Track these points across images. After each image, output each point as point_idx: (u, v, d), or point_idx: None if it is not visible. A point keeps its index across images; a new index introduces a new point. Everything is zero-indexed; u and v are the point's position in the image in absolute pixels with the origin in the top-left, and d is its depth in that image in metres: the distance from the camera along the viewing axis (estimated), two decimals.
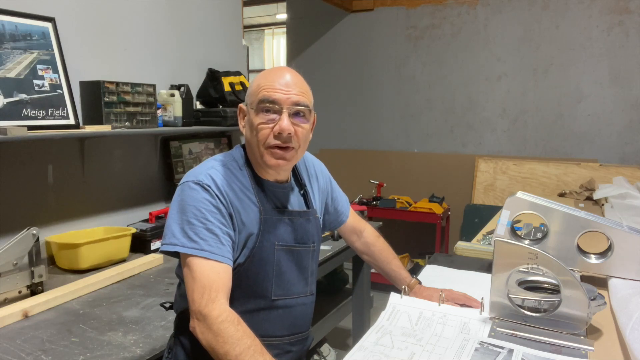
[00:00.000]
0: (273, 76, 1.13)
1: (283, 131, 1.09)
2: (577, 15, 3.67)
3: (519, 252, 1.12)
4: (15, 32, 1.82)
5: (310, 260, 1.23)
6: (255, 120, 1.12)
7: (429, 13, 4.17)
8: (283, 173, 1.20)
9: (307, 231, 1.21)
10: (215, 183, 1.10)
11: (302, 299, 1.21)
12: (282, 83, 1.11)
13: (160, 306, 1.41)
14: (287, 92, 1.10)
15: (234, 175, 1.15)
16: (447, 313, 1.23)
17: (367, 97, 4.46)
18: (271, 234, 1.14)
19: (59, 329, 1.43)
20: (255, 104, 1.12)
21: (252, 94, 1.14)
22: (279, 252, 1.15)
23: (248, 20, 8.53)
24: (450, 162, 4.18)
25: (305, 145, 1.18)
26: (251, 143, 1.15)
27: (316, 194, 1.31)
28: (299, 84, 1.14)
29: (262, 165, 1.15)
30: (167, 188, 2.61)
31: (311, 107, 1.16)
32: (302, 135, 1.14)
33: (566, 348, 1.05)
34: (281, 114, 1.10)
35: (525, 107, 3.92)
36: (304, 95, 1.13)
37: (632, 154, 3.61)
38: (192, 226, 1.07)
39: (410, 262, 4.15)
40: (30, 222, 1.79)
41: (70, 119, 1.97)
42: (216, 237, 1.07)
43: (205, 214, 1.07)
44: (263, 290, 1.13)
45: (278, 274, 1.15)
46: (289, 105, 1.10)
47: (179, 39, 2.64)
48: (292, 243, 1.18)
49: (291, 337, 1.20)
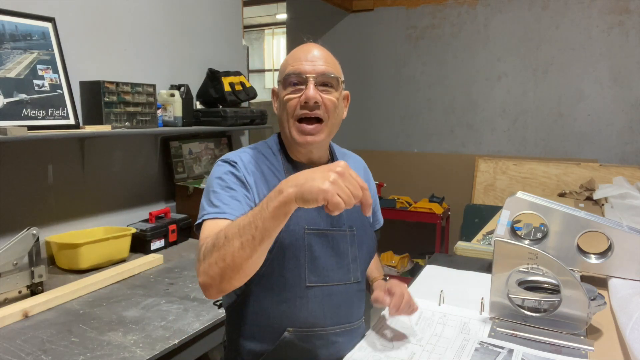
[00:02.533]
0: (299, 52, 1.13)
1: (309, 99, 1.08)
2: (577, 15, 3.67)
3: (519, 252, 1.12)
4: (15, 32, 1.82)
5: (350, 245, 1.17)
6: (282, 95, 1.12)
7: (429, 13, 4.17)
8: (316, 152, 1.17)
9: (341, 215, 1.14)
10: (242, 162, 1.12)
11: (344, 287, 1.15)
12: (308, 57, 1.11)
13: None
14: (313, 63, 1.10)
15: (265, 158, 1.16)
16: (447, 313, 1.23)
17: (367, 97, 4.46)
18: (300, 218, 1.09)
19: (59, 329, 1.43)
20: (282, 79, 1.13)
21: (281, 71, 1.15)
22: (310, 236, 1.10)
23: (248, 20, 8.53)
24: (450, 162, 4.18)
25: (337, 120, 1.15)
26: (282, 119, 1.14)
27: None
28: (325, 56, 1.13)
29: (292, 143, 1.14)
30: (167, 188, 2.61)
31: (340, 78, 1.14)
32: (331, 105, 1.11)
33: (566, 348, 1.05)
34: (307, 84, 1.09)
35: (525, 107, 3.92)
36: (331, 66, 1.12)
37: (632, 154, 3.61)
38: (216, 194, 1.07)
39: (410, 262, 4.15)
40: (30, 222, 1.79)
41: (70, 119, 1.97)
42: (239, 202, 1.05)
43: (229, 184, 1.08)
44: (296, 277, 1.09)
45: (311, 260, 1.10)
46: (315, 74, 1.09)
47: (179, 39, 2.64)
48: (324, 227, 1.13)
49: (335, 327, 1.14)
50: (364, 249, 1.21)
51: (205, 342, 1.52)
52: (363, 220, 1.22)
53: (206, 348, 1.54)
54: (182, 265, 2.04)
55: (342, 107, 1.18)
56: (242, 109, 2.82)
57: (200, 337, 1.49)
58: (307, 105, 1.09)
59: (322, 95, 1.10)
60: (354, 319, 1.19)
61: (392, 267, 4.00)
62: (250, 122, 2.83)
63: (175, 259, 2.13)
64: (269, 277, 1.09)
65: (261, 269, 1.07)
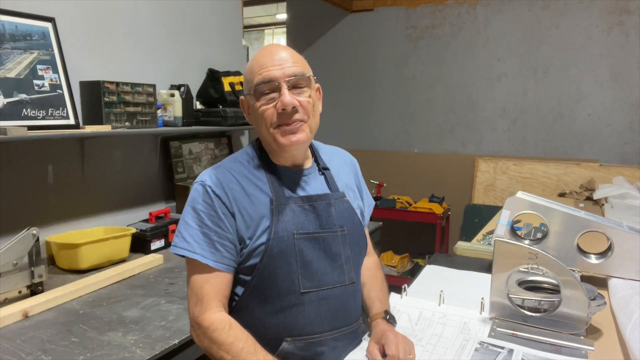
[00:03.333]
0: (264, 57, 1.09)
1: (286, 106, 1.04)
2: (577, 15, 3.67)
3: (519, 252, 1.12)
4: (15, 32, 1.82)
5: (342, 245, 1.14)
6: (257, 105, 1.08)
7: (429, 13, 4.17)
8: (300, 155, 1.15)
9: (330, 215, 1.13)
10: (219, 182, 1.09)
11: (339, 289, 1.12)
12: (274, 60, 1.07)
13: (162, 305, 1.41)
14: (281, 66, 1.06)
15: (245, 169, 1.13)
16: (447, 313, 1.23)
17: (367, 97, 4.46)
18: (288, 223, 1.08)
19: (59, 329, 1.43)
20: (253, 89, 1.09)
21: (248, 80, 1.11)
22: (300, 241, 1.08)
23: (248, 20, 8.53)
24: (450, 162, 4.18)
25: (316, 116, 1.13)
26: (261, 130, 1.11)
27: (344, 179, 1.24)
28: (291, 55, 1.09)
29: (277, 149, 1.11)
30: (167, 188, 2.61)
31: (310, 75, 1.11)
32: (308, 105, 1.08)
33: (566, 348, 1.05)
34: (281, 90, 1.05)
35: (525, 107, 3.92)
36: (299, 65, 1.09)
37: (632, 154, 3.61)
38: (189, 227, 1.08)
39: (410, 262, 4.15)
40: (30, 222, 1.79)
41: (70, 119, 1.97)
42: (210, 241, 1.06)
43: (203, 218, 1.07)
44: (290, 285, 1.07)
45: (303, 265, 1.08)
46: (286, 77, 1.06)
47: (179, 39, 2.64)
48: (314, 230, 1.11)
49: (334, 332, 1.11)
50: (356, 248, 1.18)
51: None
52: (354, 218, 1.19)
53: None
54: (182, 266, 2.04)
55: (317, 101, 1.15)
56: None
57: None
58: (285, 113, 1.06)
59: (298, 98, 1.07)
60: (352, 320, 1.16)
61: (392, 267, 4.00)
62: None
63: (175, 259, 2.13)
64: (261, 287, 1.08)
65: (251, 281, 1.08)
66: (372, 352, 1.04)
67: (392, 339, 1.04)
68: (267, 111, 1.07)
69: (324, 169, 1.20)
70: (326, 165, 1.22)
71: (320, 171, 1.20)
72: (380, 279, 1.28)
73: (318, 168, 1.20)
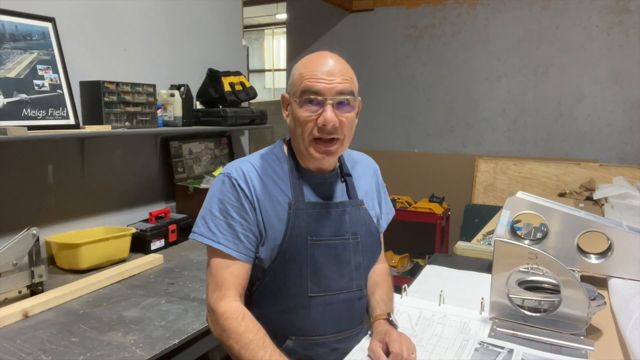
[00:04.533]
0: (315, 64, 1.08)
1: (327, 123, 1.05)
2: (577, 15, 3.66)
3: (519, 252, 1.12)
4: (15, 32, 1.82)
5: (353, 253, 1.16)
6: (298, 113, 1.08)
7: (429, 13, 4.17)
8: (328, 163, 1.17)
9: (344, 222, 1.15)
10: (244, 176, 1.11)
11: (346, 295, 1.15)
12: (324, 71, 1.07)
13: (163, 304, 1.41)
14: (331, 81, 1.06)
15: (270, 168, 1.15)
16: (447, 313, 1.23)
17: (367, 97, 4.46)
18: (303, 228, 1.10)
19: (59, 329, 1.43)
20: (297, 95, 1.08)
21: (295, 83, 1.10)
22: (313, 247, 1.10)
23: (248, 20, 8.53)
24: (450, 162, 4.18)
25: (351, 133, 1.14)
26: (296, 135, 1.12)
27: (364, 186, 1.26)
28: (342, 70, 1.09)
29: (307, 157, 1.13)
30: (167, 188, 2.61)
31: (356, 94, 1.11)
32: (347, 124, 1.09)
33: (566, 348, 1.05)
34: (325, 105, 1.06)
35: (525, 107, 3.92)
36: (349, 82, 1.09)
37: (632, 154, 3.61)
38: (214, 218, 1.10)
39: (410, 262, 4.15)
40: (30, 222, 1.79)
41: (70, 119, 1.97)
42: (234, 232, 1.09)
43: (229, 209, 1.09)
44: (298, 288, 1.10)
45: (313, 271, 1.10)
46: (333, 95, 1.06)
47: (179, 39, 2.64)
48: (328, 236, 1.12)
49: (337, 334, 1.15)
50: (368, 255, 1.20)
51: (205, 342, 1.52)
52: (369, 226, 1.21)
53: (206, 348, 1.54)
54: (182, 265, 2.04)
55: (355, 118, 1.15)
56: (242, 109, 2.82)
57: (200, 337, 1.48)
58: (325, 128, 1.06)
59: (340, 117, 1.07)
60: (355, 324, 1.19)
61: (392, 267, 4.00)
62: (250, 122, 2.83)
63: (176, 259, 2.13)
64: (271, 287, 1.12)
65: (263, 279, 1.13)
66: (375, 350, 1.03)
67: (396, 337, 1.04)
68: (308, 123, 1.08)
69: (346, 175, 1.22)
70: (349, 172, 1.24)
71: (342, 177, 1.22)
72: (387, 285, 1.28)
73: (340, 174, 1.22)
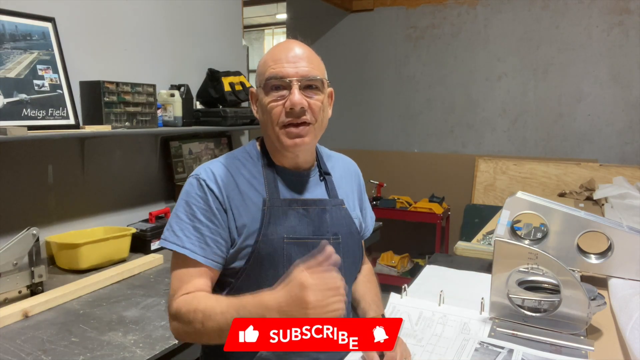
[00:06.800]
0: (280, 51, 1.06)
1: (294, 105, 1.01)
2: (577, 15, 3.67)
3: (519, 252, 1.12)
4: (15, 32, 1.82)
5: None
6: (265, 100, 1.05)
7: (429, 13, 4.17)
8: (302, 156, 1.12)
9: (324, 222, 1.10)
10: (213, 177, 1.06)
11: None
12: (289, 56, 1.04)
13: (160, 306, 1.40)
14: (296, 64, 1.03)
15: (242, 166, 1.10)
16: (447, 313, 1.23)
17: (367, 97, 4.46)
18: (278, 226, 1.05)
19: (59, 329, 1.43)
20: (263, 83, 1.05)
21: (260, 73, 1.07)
22: (290, 246, 1.05)
23: (248, 20, 8.52)
24: (450, 162, 4.18)
25: (324, 121, 1.10)
26: (265, 125, 1.08)
27: (345, 187, 1.21)
28: (307, 55, 1.06)
29: (280, 148, 1.08)
30: (167, 188, 2.61)
31: (324, 79, 1.08)
32: (317, 108, 1.05)
33: (566, 348, 1.05)
34: (291, 89, 1.02)
35: (525, 107, 3.92)
36: (314, 66, 1.06)
37: (632, 154, 3.61)
38: (180, 221, 1.05)
39: (410, 262, 4.15)
40: (30, 222, 1.78)
41: (70, 119, 1.97)
42: (201, 236, 1.03)
43: (195, 212, 1.04)
44: None
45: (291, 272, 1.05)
46: (299, 77, 1.03)
47: (179, 39, 2.64)
48: (306, 235, 1.07)
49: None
50: (349, 258, 1.14)
51: None
52: (350, 227, 1.15)
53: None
54: None
55: (327, 106, 1.12)
56: (242, 109, 2.82)
57: None
58: (293, 112, 1.02)
59: (308, 100, 1.04)
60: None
61: (392, 267, 4.00)
62: (250, 122, 2.83)
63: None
64: (246, 290, 1.01)
65: (236, 282, 1.06)
66: (369, 353, 1.00)
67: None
68: (275, 109, 1.04)
69: (325, 174, 1.17)
70: (328, 171, 1.19)
71: (322, 176, 1.17)
72: (374, 285, 1.26)
73: (320, 173, 1.17)
